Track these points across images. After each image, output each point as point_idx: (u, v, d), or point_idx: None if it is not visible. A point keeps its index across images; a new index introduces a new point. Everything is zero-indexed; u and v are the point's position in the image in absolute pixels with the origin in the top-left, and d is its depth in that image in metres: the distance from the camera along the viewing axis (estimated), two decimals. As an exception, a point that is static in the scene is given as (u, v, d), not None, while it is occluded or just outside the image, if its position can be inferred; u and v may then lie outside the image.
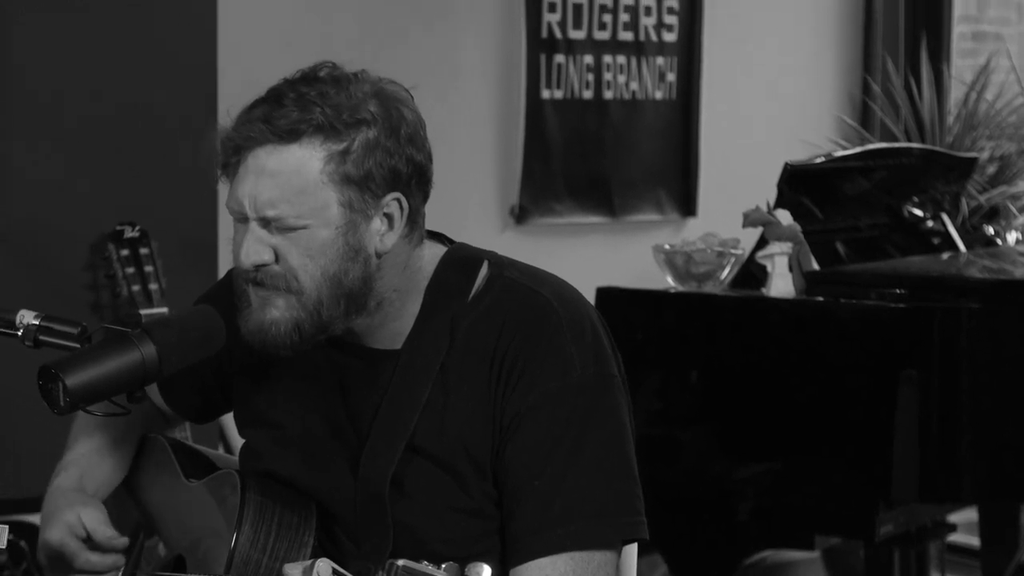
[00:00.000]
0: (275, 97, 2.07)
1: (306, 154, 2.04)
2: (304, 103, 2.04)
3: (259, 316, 2.09)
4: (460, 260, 2.18)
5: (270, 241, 2.07)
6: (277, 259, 2.07)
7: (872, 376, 3.68)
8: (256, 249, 2.07)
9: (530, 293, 2.15)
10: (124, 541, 2.23)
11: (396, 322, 2.15)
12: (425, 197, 2.12)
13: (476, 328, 2.14)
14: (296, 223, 2.05)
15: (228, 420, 3.86)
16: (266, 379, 2.23)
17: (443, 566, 1.72)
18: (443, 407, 2.13)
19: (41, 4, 3.93)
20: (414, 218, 2.11)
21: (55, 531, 2.22)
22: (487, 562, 1.79)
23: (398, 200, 2.08)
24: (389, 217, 2.09)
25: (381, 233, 2.08)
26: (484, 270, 2.18)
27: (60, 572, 2.24)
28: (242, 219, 2.09)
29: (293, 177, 2.04)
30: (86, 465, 2.34)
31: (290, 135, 2.04)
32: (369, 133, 2.05)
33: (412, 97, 2.13)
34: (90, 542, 2.23)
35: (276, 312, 2.08)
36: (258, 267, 2.07)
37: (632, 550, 2.26)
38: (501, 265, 2.20)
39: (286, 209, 2.04)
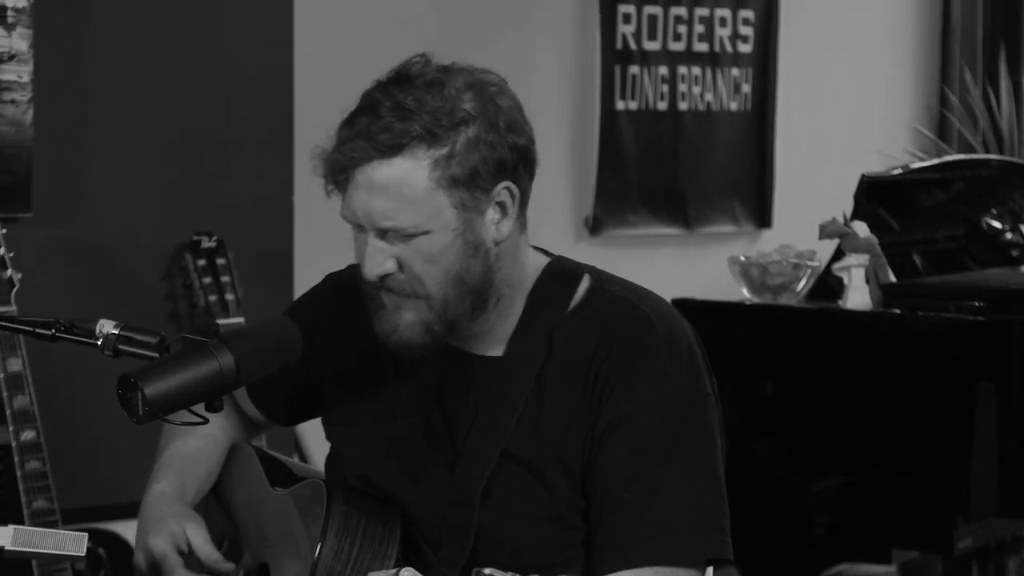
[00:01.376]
0: (372, 108, 2.07)
1: (412, 164, 2.05)
2: (402, 112, 2.05)
3: (393, 319, 2.11)
4: (561, 271, 2.20)
5: (391, 251, 2.09)
6: (400, 267, 2.09)
7: (950, 389, 3.65)
8: (379, 261, 2.09)
9: (629, 307, 2.15)
10: (230, 566, 2.24)
11: (498, 328, 2.16)
12: (532, 177, 2.14)
13: (574, 338, 2.14)
14: (414, 231, 2.07)
15: (305, 429, 3.88)
16: (363, 384, 2.24)
17: None
18: (538, 415, 2.13)
19: (120, 18, 3.97)
20: (524, 200, 2.13)
21: (160, 540, 2.23)
22: (570, 574, 1.79)
23: (508, 188, 2.10)
24: (502, 205, 2.10)
25: (496, 222, 2.10)
26: (585, 283, 2.19)
27: None
28: (360, 228, 2.11)
29: (403, 188, 2.05)
30: (184, 470, 2.35)
31: (393, 149, 2.05)
32: (469, 132, 2.07)
33: (506, 81, 2.13)
34: (190, 558, 2.24)
35: (408, 315, 2.10)
36: (383, 277, 2.09)
37: (708, 570, 2.25)
38: (601, 279, 2.20)
39: (402, 220, 2.06)
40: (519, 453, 2.14)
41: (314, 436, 4.15)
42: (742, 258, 4.13)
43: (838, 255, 4.08)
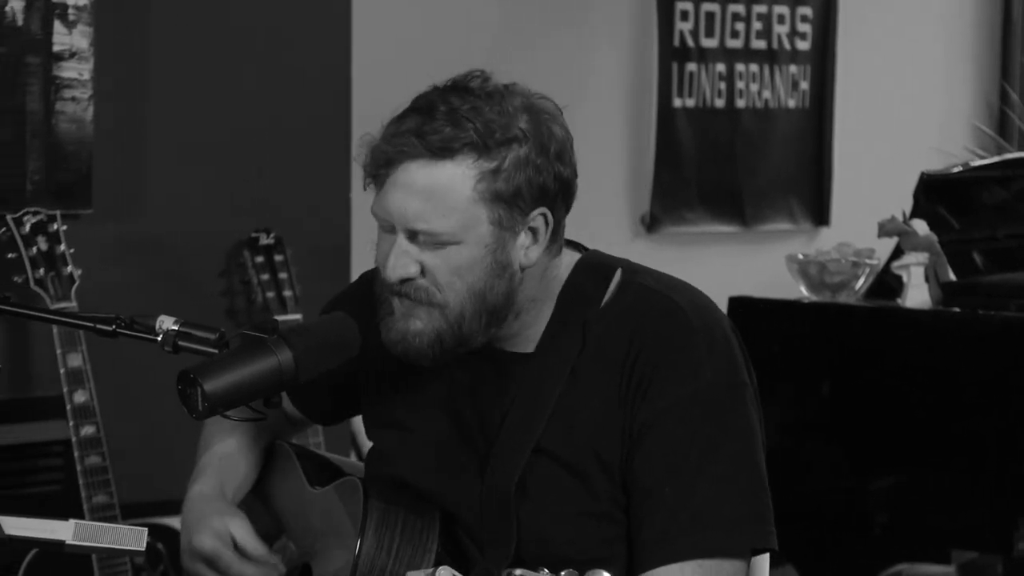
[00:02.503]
0: (427, 108, 2.06)
1: (458, 172, 2.04)
2: (457, 118, 2.04)
3: (402, 326, 2.10)
4: (593, 266, 2.18)
5: (417, 256, 2.07)
6: (423, 273, 2.08)
7: (1010, 387, 3.63)
8: (403, 263, 2.07)
9: (663, 299, 2.14)
10: (276, 559, 2.25)
11: (530, 329, 2.16)
12: (567, 210, 2.12)
13: (608, 333, 2.13)
14: (446, 240, 2.05)
15: (360, 425, 3.89)
16: (398, 383, 2.24)
17: (562, 573, 1.72)
18: (573, 411, 2.13)
19: (180, 16, 3.99)
20: (557, 230, 2.11)
21: (206, 538, 2.24)
22: (610, 568, 1.78)
23: (544, 215, 2.08)
24: (534, 231, 2.09)
25: (526, 247, 2.09)
26: (617, 276, 2.18)
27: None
28: (389, 228, 2.10)
29: (445, 194, 2.04)
30: (223, 469, 2.36)
31: (443, 152, 2.03)
32: (520, 151, 2.05)
33: (561, 112, 2.12)
34: (236, 553, 2.25)
35: (419, 324, 2.09)
36: (403, 280, 2.08)
37: (763, 561, 2.24)
38: (634, 272, 2.19)
39: (437, 225, 2.05)
40: (553, 449, 2.13)
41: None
42: (800, 256, 4.11)
43: (897, 253, 4.06)
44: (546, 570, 1.74)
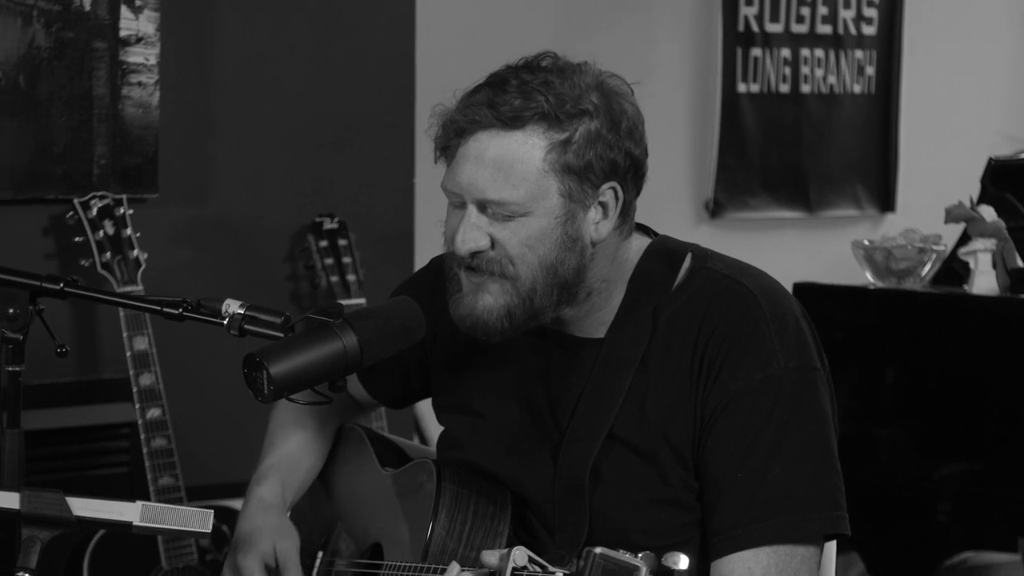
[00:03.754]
0: (499, 82, 2.07)
1: (529, 141, 2.05)
2: (528, 91, 2.05)
3: (471, 301, 2.10)
4: (664, 251, 2.18)
5: (487, 228, 2.07)
6: (493, 246, 2.08)
7: (1079, 375, 3.60)
8: (473, 236, 2.08)
9: (733, 284, 2.14)
10: None
11: (600, 312, 2.15)
12: (638, 191, 2.12)
13: (678, 318, 2.13)
14: (516, 211, 2.05)
15: (424, 410, 3.90)
16: (468, 367, 2.24)
17: (640, 555, 1.72)
18: (644, 397, 2.12)
19: (243, 2, 4.01)
20: (626, 210, 2.11)
21: (251, 560, 2.26)
22: (686, 553, 1.78)
23: (614, 189, 2.08)
24: (604, 206, 2.09)
25: (596, 222, 2.09)
26: (688, 262, 2.17)
27: None
28: (459, 203, 2.10)
29: (515, 164, 2.05)
30: (286, 471, 2.37)
31: (514, 121, 2.04)
32: (591, 124, 2.05)
33: (632, 92, 2.12)
34: (275, 573, 2.27)
35: (489, 298, 2.09)
36: (474, 254, 2.08)
37: (831, 547, 2.23)
38: (705, 257, 2.18)
39: (507, 195, 2.05)
40: (625, 436, 2.13)
41: (434, 418, 4.18)
42: (866, 242, 4.08)
43: (964, 239, 4.03)
44: (624, 551, 1.74)
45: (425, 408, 4.00)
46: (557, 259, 2.07)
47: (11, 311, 2.09)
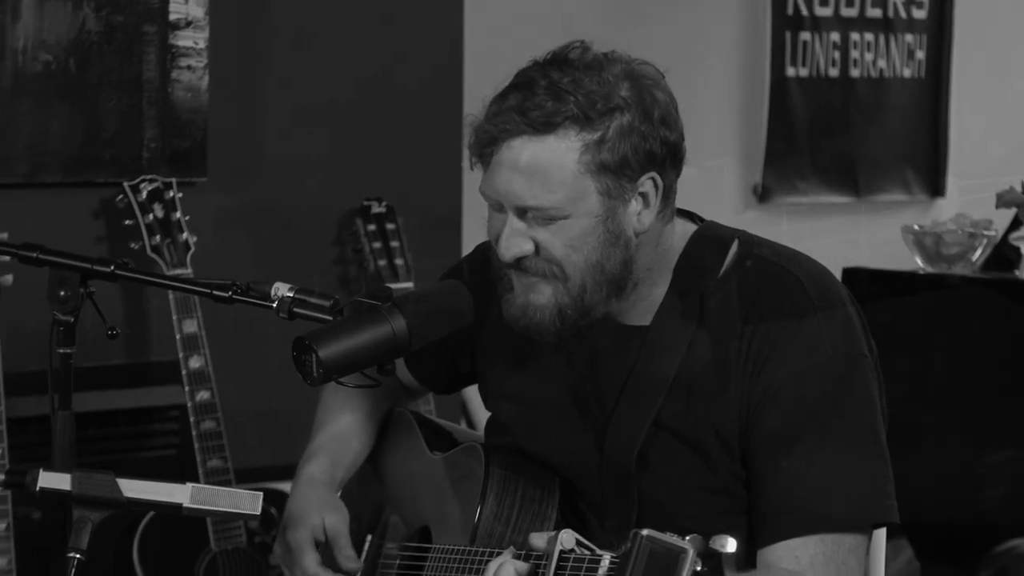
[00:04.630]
0: (527, 84, 2.05)
1: (562, 146, 2.04)
2: (557, 92, 2.03)
3: (523, 301, 2.10)
4: (710, 238, 2.17)
5: (530, 233, 2.07)
6: (538, 250, 2.07)
7: None
8: (516, 242, 2.07)
9: (781, 271, 2.13)
10: (359, 566, 2.27)
11: (646, 299, 2.15)
12: (678, 174, 2.11)
13: (725, 305, 2.12)
14: (556, 214, 2.05)
15: (472, 394, 3.91)
16: (515, 353, 2.24)
17: (687, 538, 1.71)
18: (690, 384, 2.12)
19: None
20: (667, 195, 2.10)
21: (300, 534, 2.27)
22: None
23: (653, 179, 2.07)
24: (644, 196, 2.08)
25: (638, 213, 2.08)
26: (734, 248, 2.16)
27: (291, 571, 2.29)
28: (498, 208, 2.10)
29: (551, 169, 2.04)
30: (336, 450, 2.38)
31: (545, 127, 2.03)
32: (623, 119, 2.04)
33: (663, 76, 2.11)
34: (325, 547, 2.27)
35: (541, 299, 2.09)
36: (519, 259, 2.08)
37: (880, 534, 2.22)
38: (751, 243, 2.17)
39: (545, 200, 2.04)
40: (672, 423, 2.12)
41: (481, 403, 4.18)
42: (916, 227, 4.06)
43: (1015, 225, 4.00)
44: (672, 533, 1.74)
45: (472, 393, 4.01)
46: (603, 256, 2.07)
47: (62, 293, 2.10)
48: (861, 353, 2.11)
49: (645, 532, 1.73)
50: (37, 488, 1.95)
